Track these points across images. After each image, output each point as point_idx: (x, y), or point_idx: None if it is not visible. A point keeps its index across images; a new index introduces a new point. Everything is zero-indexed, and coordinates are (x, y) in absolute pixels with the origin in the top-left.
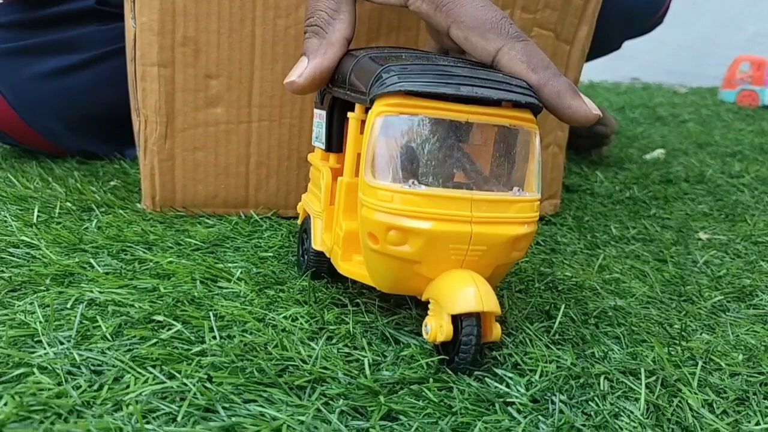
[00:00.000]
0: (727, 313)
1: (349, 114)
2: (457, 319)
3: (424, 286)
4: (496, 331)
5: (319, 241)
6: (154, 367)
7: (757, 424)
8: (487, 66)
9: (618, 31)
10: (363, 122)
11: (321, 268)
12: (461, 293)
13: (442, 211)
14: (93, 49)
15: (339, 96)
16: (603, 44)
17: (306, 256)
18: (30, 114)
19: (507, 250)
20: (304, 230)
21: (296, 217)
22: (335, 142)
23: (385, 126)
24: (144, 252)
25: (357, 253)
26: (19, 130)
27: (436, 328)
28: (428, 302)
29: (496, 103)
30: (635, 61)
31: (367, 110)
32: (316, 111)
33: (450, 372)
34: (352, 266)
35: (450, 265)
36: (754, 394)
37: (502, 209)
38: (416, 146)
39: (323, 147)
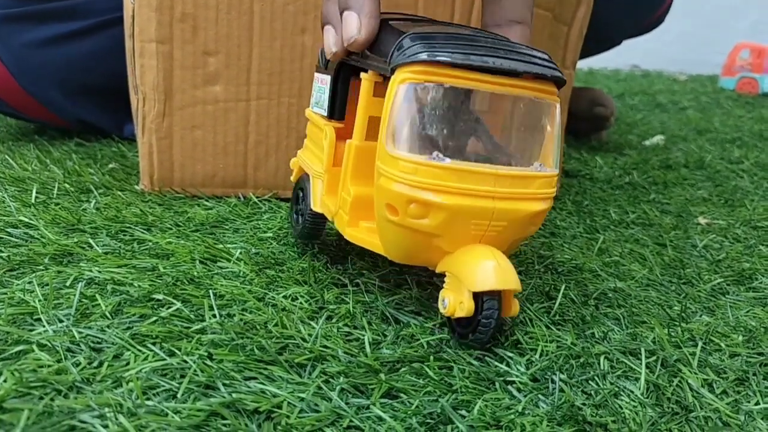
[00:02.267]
0: (726, 296)
1: (363, 75)
2: (478, 297)
3: (439, 258)
4: (514, 308)
5: (318, 203)
6: (154, 344)
7: (757, 403)
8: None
9: (621, 27)
10: (377, 84)
11: (316, 230)
12: (484, 270)
13: (466, 186)
14: (94, 16)
15: (352, 63)
16: (605, 39)
17: (301, 217)
18: (29, 81)
19: (525, 226)
20: (300, 188)
21: None
22: (338, 110)
23: (408, 94)
24: (143, 232)
25: (365, 220)
26: (17, 98)
27: (455, 303)
28: (443, 274)
29: (520, 75)
30: (635, 49)
31: (384, 78)
32: (318, 75)
33: (450, 350)
34: (359, 233)
35: (469, 240)
36: (754, 374)
37: (525, 185)
38: (439, 116)
39: (325, 113)
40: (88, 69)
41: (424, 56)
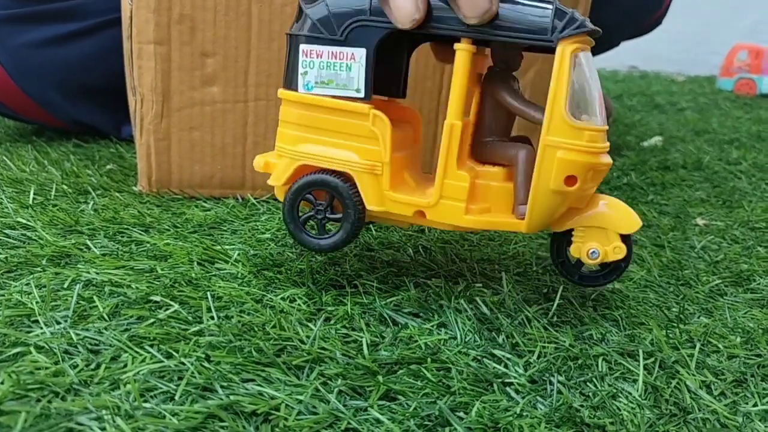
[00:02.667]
0: (724, 297)
1: (459, 46)
2: (625, 238)
3: (569, 216)
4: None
5: (379, 200)
6: (151, 346)
7: (755, 405)
8: None
9: (619, 29)
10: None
11: (357, 234)
12: (630, 214)
13: (606, 145)
14: (93, 17)
15: (433, 32)
16: (601, 43)
17: (347, 223)
18: (27, 82)
19: None
20: (326, 189)
21: None
22: (372, 88)
23: (580, 63)
24: (141, 234)
25: (479, 203)
26: (15, 99)
27: (610, 249)
28: (565, 233)
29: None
30: (633, 50)
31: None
32: (323, 48)
33: (448, 352)
34: (482, 217)
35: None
36: (752, 376)
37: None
38: (590, 83)
39: (361, 95)
40: (86, 70)
41: (587, 26)
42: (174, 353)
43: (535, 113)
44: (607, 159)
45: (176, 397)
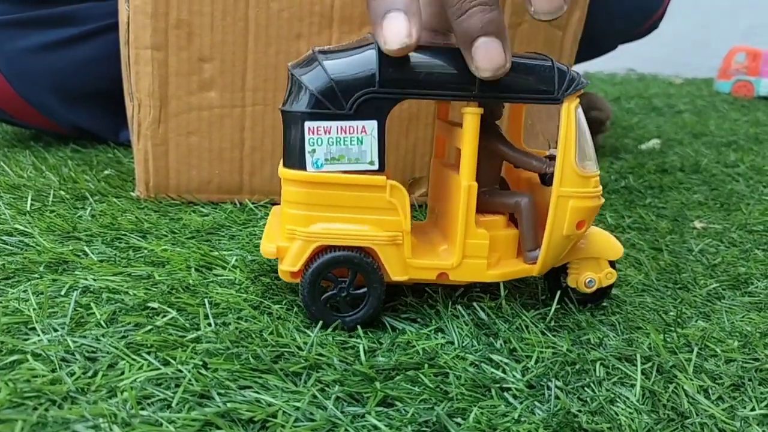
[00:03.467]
0: (722, 301)
1: (469, 110)
2: (612, 264)
3: (567, 254)
4: None
5: (403, 270)
6: (148, 353)
7: (753, 409)
8: None
9: (615, 32)
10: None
11: (382, 305)
12: (614, 242)
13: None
14: (91, 22)
15: (480, 98)
16: (597, 46)
17: (373, 297)
18: (25, 87)
19: None
20: (328, 273)
21: None
22: (385, 159)
23: (579, 116)
24: (138, 240)
25: (492, 254)
26: (13, 104)
27: (603, 275)
28: (558, 268)
29: None
30: (631, 52)
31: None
32: (331, 124)
33: (446, 357)
34: (502, 268)
35: None
36: (750, 380)
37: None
38: (586, 132)
39: (375, 167)
40: (84, 74)
41: (582, 82)
42: (171, 360)
43: (536, 162)
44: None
45: (173, 405)
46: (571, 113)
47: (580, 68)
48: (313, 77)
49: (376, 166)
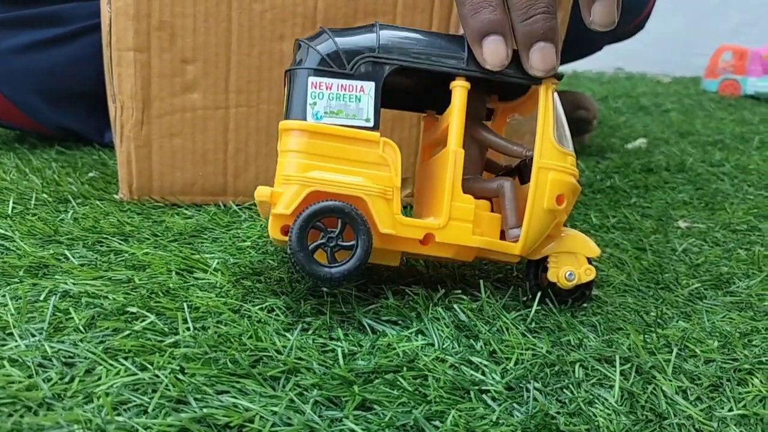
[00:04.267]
0: (703, 301)
1: (459, 83)
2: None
3: (543, 245)
4: None
5: (392, 224)
6: (126, 358)
7: (730, 410)
8: None
9: (599, 33)
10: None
11: (367, 261)
12: (590, 241)
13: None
14: (76, 23)
15: (470, 74)
16: (584, 46)
17: (360, 249)
18: (9, 87)
19: None
20: (317, 221)
21: None
22: (380, 118)
23: (556, 100)
24: (120, 243)
25: (477, 227)
26: None
27: (582, 271)
28: (538, 260)
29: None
30: (619, 51)
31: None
32: (333, 81)
33: (426, 359)
34: (486, 236)
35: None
36: (728, 380)
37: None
38: (563, 117)
39: (370, 124)
40: (69, 75)
41: (560, 70)
42: (149, 365)
43: (516, 147)
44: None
45: (149, 410)
46: (549, 93)
47: (568, 67)
48: (323, 45)
49: (371, 123)
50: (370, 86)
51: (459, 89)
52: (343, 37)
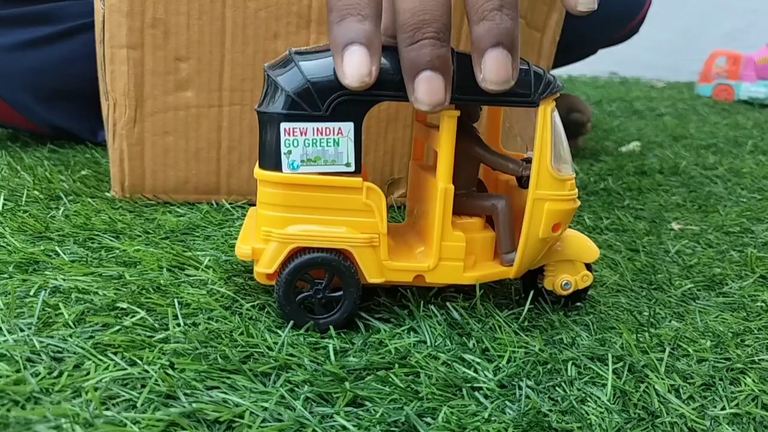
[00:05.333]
0: (696, 301)
1: (445, 113)
2: (588, 267)
3: (543, 257)
4: None
5: (379, 272)
6: (115, 353)
7: (723, 409)
8: None
9: (594, 37)
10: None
11: (356, 308)
12: (590, 245)
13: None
14: (68, 21)
15: (381, 97)
16: (579, 49)
17: (349, 301)
18: (1, 85)
19: None
20: (326, 267)
21: None
22: (361, 161)
23: (555, 119)
24: (111, 240)
25: (469, 256)
26: None
27: (579, 278)
28: (534, 270)
29: None
30: (613, 56)
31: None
32: (307, 125)
33: (418, 356)
34: (480, 270)
35: None
36: (720, 379)
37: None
38: (562, 135)
39: (351, 169)
40: (61, 73)
41: (558, 85)
42: (138, 361)
43: (513, 165)
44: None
45: (138, 405)
46: (547, 116)
47: (563, 71)
48: (289, 78)
49: (352, 168)
50: (348, 127)
51: (446, 119)
52: (313, 67)
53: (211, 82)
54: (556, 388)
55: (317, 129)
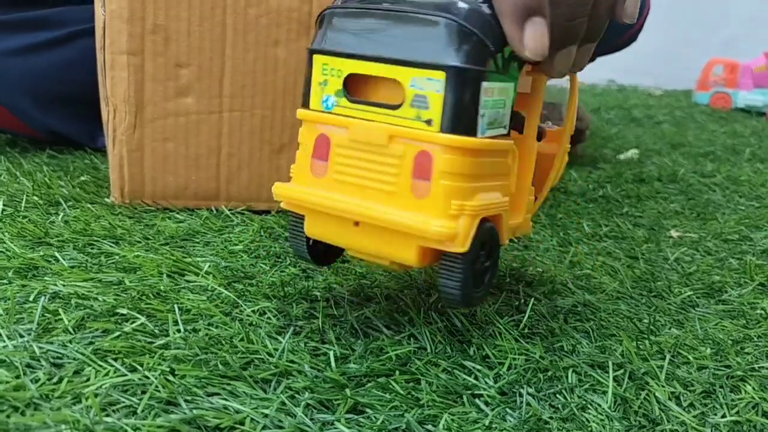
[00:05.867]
0: (696, 309)
1: (540, 75)
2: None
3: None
4: None
5: (506, 235)
6: (115, 359)
7: (723, 416)
8: None
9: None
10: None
11: None
12: None
13: None
14: (67, 26)
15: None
16: None
17: (495, 268)
18: (0, 90)
19: None
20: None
21: (269, 212)
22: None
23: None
24: (111, 246)
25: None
26: None
27: None
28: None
29: None
30: (611, 63)
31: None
32: (495, 86)
33: (418, 363)
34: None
35: None
36: (721, 387)
37: None
38: None
39: (506, 132)
40: (60, 79)
41: (551, 83)
42: (138, 367)
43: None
44: None
45: (138, 412)
46: (576, 82)
47: (561, 80)
48: (481, 27)
49: (507, 131)
50: (510, 87)
51: (542, 79)
52: (483, 25)
53: (212, 88)
54: (557, 395)
55: (500, 89)
